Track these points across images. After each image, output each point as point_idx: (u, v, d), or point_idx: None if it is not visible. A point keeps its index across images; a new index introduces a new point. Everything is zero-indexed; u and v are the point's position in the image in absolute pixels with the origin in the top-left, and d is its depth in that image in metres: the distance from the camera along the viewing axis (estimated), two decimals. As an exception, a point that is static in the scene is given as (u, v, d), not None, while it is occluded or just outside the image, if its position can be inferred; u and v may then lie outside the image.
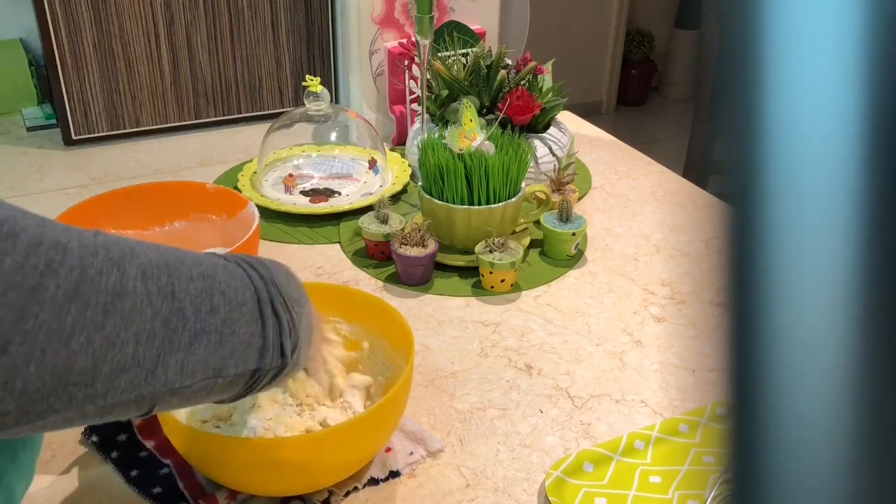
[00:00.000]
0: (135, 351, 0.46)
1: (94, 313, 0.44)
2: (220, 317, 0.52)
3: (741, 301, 0.19)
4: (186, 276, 0.51)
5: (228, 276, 0.55)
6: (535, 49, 1.40)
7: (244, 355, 0.54)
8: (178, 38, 1.47)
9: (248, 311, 0.55)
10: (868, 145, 0.17)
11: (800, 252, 0.18)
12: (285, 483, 0.73)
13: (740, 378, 0.20)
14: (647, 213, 1.28)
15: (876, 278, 0.18)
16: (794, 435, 0.19)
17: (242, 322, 0.54)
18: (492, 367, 0.93)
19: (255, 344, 0.55)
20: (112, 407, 0.47)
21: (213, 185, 1.10)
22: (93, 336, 0.44)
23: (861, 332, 0.18)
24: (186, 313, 0.50)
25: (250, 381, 0.56)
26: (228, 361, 0.53)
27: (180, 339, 0.49)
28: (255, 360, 0.55)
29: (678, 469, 0.79)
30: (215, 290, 0.53)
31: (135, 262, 0.48)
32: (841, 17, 0.17)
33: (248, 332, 0.55)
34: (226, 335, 0.53)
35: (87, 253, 0.45)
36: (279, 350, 0.58)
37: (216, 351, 0.52)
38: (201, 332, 0.51)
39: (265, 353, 0.56)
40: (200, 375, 0.51)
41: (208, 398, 0.55)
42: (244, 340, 0.54)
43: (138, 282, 0.47)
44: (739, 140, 0.19)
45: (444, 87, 1.27)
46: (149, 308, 0.47)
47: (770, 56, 0.18)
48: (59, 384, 0.43)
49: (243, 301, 0.55)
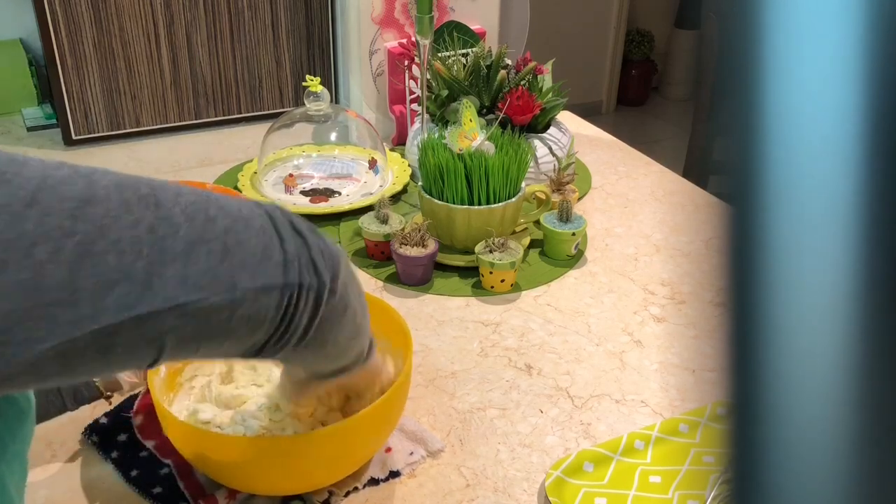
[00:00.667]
0: (119, 260, 0.41)
1: (60, 219, 0.39)
2: (220, 226, 0.45)
3: (741, 301, 0.19)
4: (173, 191, 0.45)
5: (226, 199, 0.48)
6: (535, 49, 1.40)
7: (262, 267, 0.47)
8: (178, 38, 1.47)
9: (257, 225, 0.48)
10: (868, 145, 0.17)
11: (800, 252, 0.18)
12: (285, 482, 0.73)
13: (740, 378, 0.20)
14: (647, 213, 1.28)
15: (876, 278, 0.18)
16: (794, 435, 0.19)
17: (250, 234, 0.47)
18: (492, 367, 0.93)
19: (274, 256, 0.47)
20: (112, 338, 0.41)
21: (213, 185, 1.10)
22: (61, 244, 0.39)
23: (861, 332, 0.18)
24: (176, 220, 0.43)
25: (283, 302, 0.48)
26: (241, 273, 0.45)
27: (173, 247, 0.43)
28: (280, 274, 0.47)
29: (678, 469, 0.79)
30: (210, 203, 0.46)
31: (108, 177, 0.43)
32: (841, 17, 0.17)
33: (262, 245, 0.47)
34: (231, 244, 0.45)
35: (49, 166, 0.41)
36: (310, 265, 0.49)
37: (223, 261, 0.45)
38: (198, 239, 0.44)
39: (290, 268, 0.48)
40: (210, 290, 0.44)
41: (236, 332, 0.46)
42: (257, 252, 0.47)
43: (111, 190, 0.42)
44: (739, 140, 0.19)
45: (444, 87, 1.27)
46: (128, 216, 0.42)
47: (770, 56, 0.18)
48: (35, 303, 0.38)
49: (249, 216, 0.48)
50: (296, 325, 0.50)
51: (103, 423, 0.82)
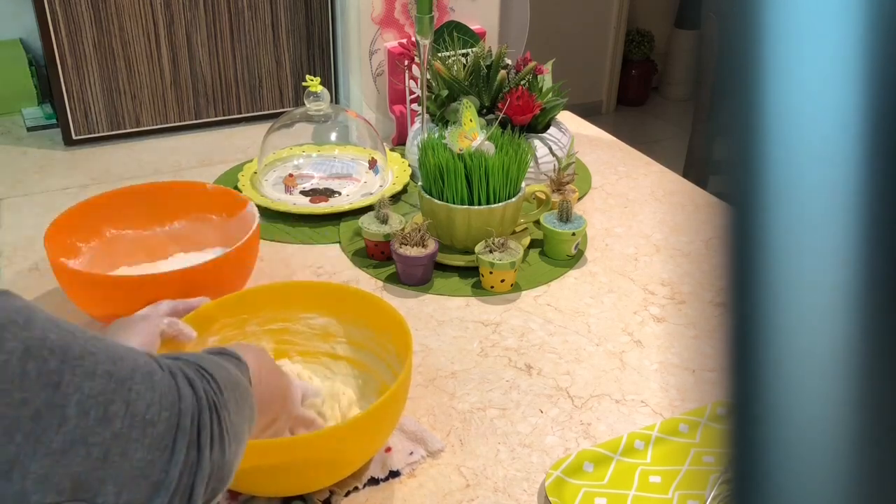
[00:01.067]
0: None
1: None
2: (112, 430, 0.43)
3: (741, 301, 0.19)
4: (86, 371, 0.42)
5: (148, 386, 0.46)
6: (535, 49, 1.40)
7: (132, 485, 0.44)
8: (178, 38, 1.47)
9: (156, 434, 0.45)
10: (868, 145, 0.17)
11: (800, 252, 0.18)
12: (285, 483, 0.73)
13: (740, 378, 0.20)
14: (647, 213, 1.28)
15: (876, 278, 0.18)
16: (794, 435, 0.19)
17: (141, 445, 0.44)
18: (492, 367, 0.93)
19: (153, 476, 0.45)
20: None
21: (213, 185, 1.10)
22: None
23: (861, 332, 0.18)
24: (67, 413, 0.41)
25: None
26: (108, 486, 0.43)
27: (50, 441, 0.40)
28: (147, 495, 0.45)
29: (678, 469, 0.79)
30: (118, 397, 0.43)
31: (21, 335, 0.40)
32: (841, 17, 0.17)
33: (146, 460, 0.45)
34: (113, 454, 0.43)
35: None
36: (187, 492, 0.47)
37: (96, 469, 0.42)
38: (80, 441, 0.41)
39: (162, 491, 0.45)
40: (68, 495, 0.41)
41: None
42: (137, 467, 0.44)
43: (14, 357, 0.39)
44: (739, 140, 0.19)
45: (444, 87, 1.27)
46: (18, 392, 0.39)
47: (770, 56, 0.18)
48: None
49: (153, 421, 0.45)
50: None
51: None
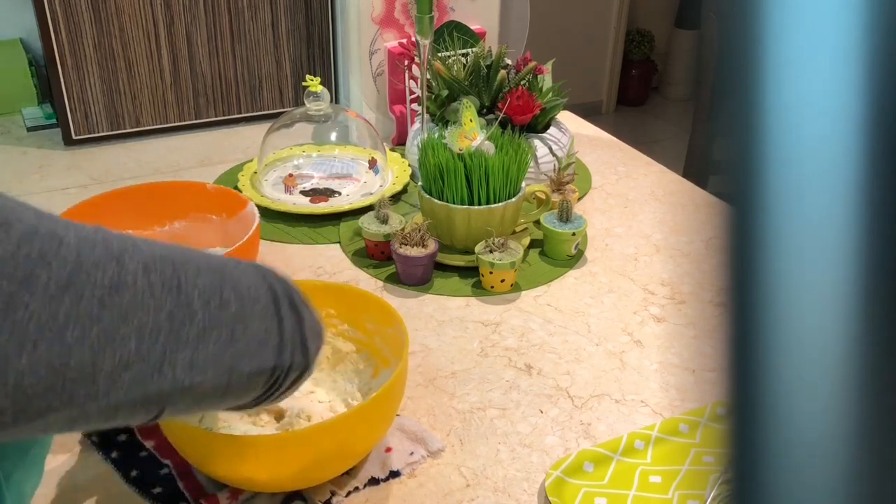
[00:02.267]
0: (138, 346, 0.44)
1: (90, 305, 0.42)
2: (231, 312, 0.50)
3: (741, 301, 0.19)
4: (194, 270, 0.49)
5: (240, 272, 0.53)
6: (535, 49, 1.40)
7: (259, 352, 0.52)
8: (178, 38, 1.47)
9: (262, 307, 0.53)
10: (868, 145, 0.17)
11: (800, 252, 0.18)
12: (286, 479, 0.73)
13: (740, 378, 0.20)
14: (647, 213, 1.28)
15: (876, 278, 0.18)
16: (794, 435, 0.19)
17: (256, 317, 0.52)
18: (492, 367, 0.93)
19: (272, 341, 0.53)
20: (117, 408, 0.45)
21: (213, 185, 1.10)
22: (88, 329, 0.42)
23: (861, 332, 0.18)
24: (194, 307, 0.48)
25: (270, 380, 0.54)
26: (242, 358, 0.50)
27: (188, 334, 0.47)
28: (272, 357, 0.53)
29: (678, 469, 0.79)
30: (225, 284, 0.50)
31: (136, 257, 0.46)
32: (841, 17, 0.17)
33: (263, 328, 0.52)
34: (238, 331, 0.50)
35: (84, 246, 0.44)
36: (301, 347, 0.55)
37: (228, 347, 0.49)
38: (210, 327, 0.48)
39: (283, 350, 0.54)
40: (212, 373, 0.48)
41: (224, 400, 0.52)
42: (258, 337, 0.52)
43: (139, 275, 0.45)
44: (739, 140, 0.19)
45: (444, 87, 1.27)
46: (151, 301, 0.45)
47: (770, 56, 0.18)
48: (57, 380, 0.42)
49: (256, 297, 0.52)
50: (278, 394, 0.56)
51: (103, 423, 0.82)
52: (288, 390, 0.57)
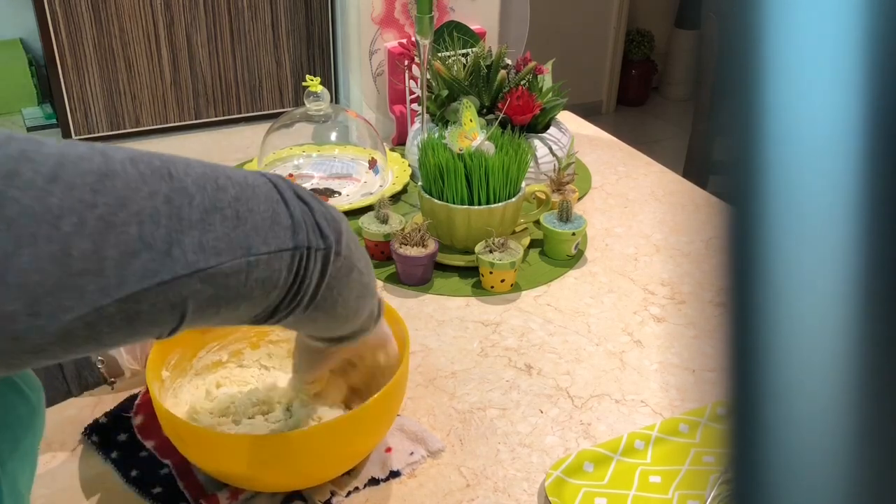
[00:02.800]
0: (140, 231, 0.43)
1: (82, 192, 0.41)
2: (231, 194, 0.48)
3: (741, 301, 0.19)
4: (184, 163, 0.47)
5: (235, 170, 0.51)
6: (535, 49, 1.40)
7: (273, 232, 0.49)
8: (178, 39, 1.47)
9: (263, 192, 0.50)
10: (868, 145, 0.17)
11: (800, 252, 0.18)
12: (286, 479, 0.73)
13: (740, 378, 0.20)
14: (647, 213, 1.28)
15: (876, 278, 0.18)
16: (793, 435, 0.19)
17: (259, 201, 0.50)
18: (492, 367, 0.93)
19: (283, 221, 0.50)
20: (137, 304, 0.43)
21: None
22: (85, 216, 0.41)
23: (861, 332, 0.18)
24: (190, 191, 0.46)
25: (295, 262, 0.51)
26: (254, 238, 0.48)
27: (189, 215, 0.45)
28: (289, 237, 0.50)
29: (678, 469, 0.79)
30: (219, 173, 0.49)
31: (121, 152, 0.45)
32: (841, 17, 0.17)
33: (270, 210, 0.50)
34: (242, 211, 0.48)
35: (66, 144, 0.43)
36: (316, 229, 0.53)
37: (236, 227, 0.47)
38: (212, 207, 0.46)
39: (298, 231, 0.51)
40: (227, 255, 0.46)
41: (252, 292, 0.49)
42: (267, 217, 0.49)
43: (127, 164, 0.44)
44: (739, 140, 0.19)
45: (444, 87, 1.27)
46: (145, 187, 0.44)
47: (770, 56, 0.18)
48: (63, 273, 0.40)
49: (255, 184, 0.50)
50: (307, 285, 0.53)
51: (103, 423, 0.82)
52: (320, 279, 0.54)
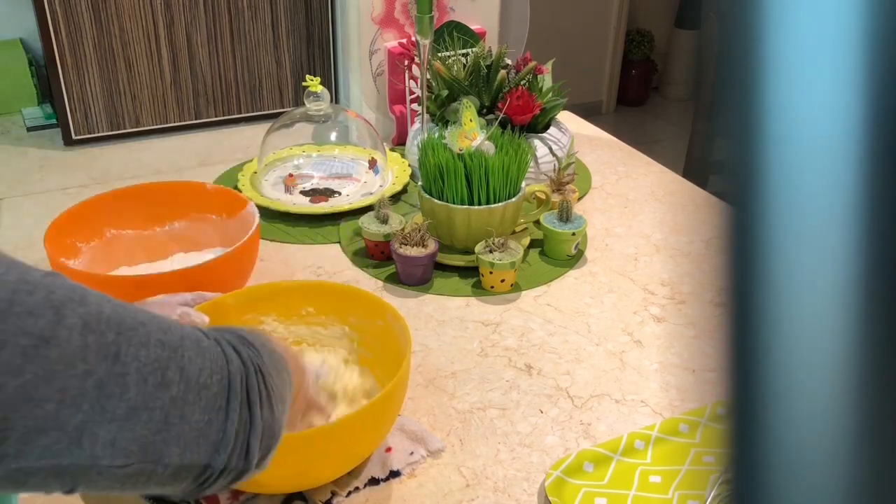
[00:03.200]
0: (57, 411, 0.40)
1: (12, 356, 0.38)
2: (170, 395, 0.45)
3: (741, 301, 0.19)
4: (140, 341, 0.45)
5: (197, 353, 0.48)
6: (535, 49, 1.40)
7: (193, 445, 0.47)
8: (178, 39, 1.47)
9: (210, 396, 0.48)
10: (868, 145, 0.17)
11: (800, 252, 0.18)
12: (287, 480, 0.73)
13: (740, 378, 0.20)
14: (647, 213, 1.28)
15: (876, 278, 0.18)
16: (793, 435, 0.19)
17: (198, 407, 0.47)
18: (492, 367, 0.93)
19: (211, 436, 0.48)
20: (27, 475, 0.41)
21: (213, 185, 1.10)
22: (5, 383, 0.38)
23: (861, 332, 0.18)
24: (128, 381, 0.43)
25: (200, 477, 0.49)
26: (171, 448, 0.46)
27: (115, 408, 0.42)
28: (208, 454, 0.48)
29: (678, 469, 0.79)
30: (172, 363, 0.46)
31: (79, 311, 0.42)
32: (841, 17, 0.17)
33: (204, 421, 0.47)
34: (173, 417, 0.45)
35: (22, 288, 0.40)
36: (243, 450, 0.50)
37: (158, 433, 0.45)
38: (142, 406, 0.44)
39: (221, 450, 0.48)
40: (136, 457, 0.44)
41: (146, 486, 0.47)
42: (197, 429, 0.47)
43: (75, 332, 0.41)
44: (739, 140, 0.19)
45: (444, 87, 1.27)
46: (81, 364, 0.41)
47: (770, 56, 0.18)
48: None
49: (206, 384, 0.48)
50: (213, 488, 0.51)
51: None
52: (228, 485, 0.52)
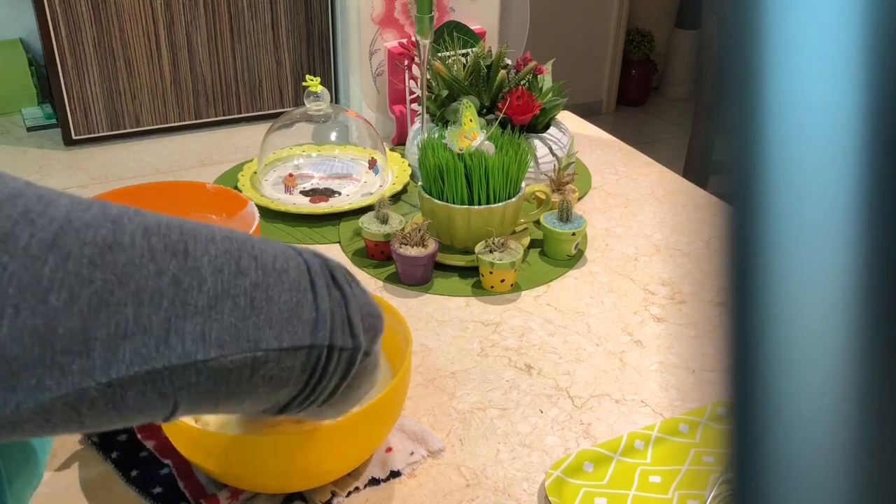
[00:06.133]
0: (136, 312, 0.39)
1: (78, 266, 0.38)
2: (250, 280, 0.43)
3: (741, 301, 0.19)
4: (206, 237, 0.43)
5: (266, 244, 0.46)
6: (535, 49, 1.40)
7: (290, 326, 0.44)
8: (178, 38, 1.47)
9: (291, 279, 0.46)
10: (868, 145, 0.17)
11: (800, 252, 0.18)
12: (287, 480, 0.73)
13: (740, 378, 0.20)
14: (647, 213, 1.28)
15: (876, 278, 0.18)
16: (794, 435, 0.19)
17: (283, 289, 0.45)
18: (492, 367, 0.93)
19: (305, 315, 0.45)
20: (123, 388, 0.39)
21: (213, 185, 1.10)
22: (77, 291, 0.37)
23: (861, 332, 0.18)
24: (203, 273, 0.42)
25: (309, 364, 0.46)
26: (266, 331, 0.43)
27: (196, 300, 0.41)
28: (308, 334, 0.45)
29: (678, 469, 0.79)
30: (244, 252, 0.44)
31: (136, 219, 0.41)
32: (841, 17, 0.17)
33: (293, 301, 0.45)
34: (258, 301, 0.43)
35: (76, 207, 0.39)
36: (346, 325, 0.47)
37: (247, 317, 0.43)
38: (224, 294, 0.42)
39: (320, 327, 0.46)
40: (231, 347, 0.42)
41: (256, 388, 0.44)
42: (287, 309, 0.45)
43: (137, 236, 0.40)
44: (739, 140, 0.19)
45: (444, 87, 1.27)
46: (151, 265, 0.40)
47: (770, 56, 0.18)
48: (45, 350, 0.37)
49: (283, 268, 0.46)
50: (323, 386, 0.48)
51: (103, 424, 0.82)
52: (341, 380, 0.49)
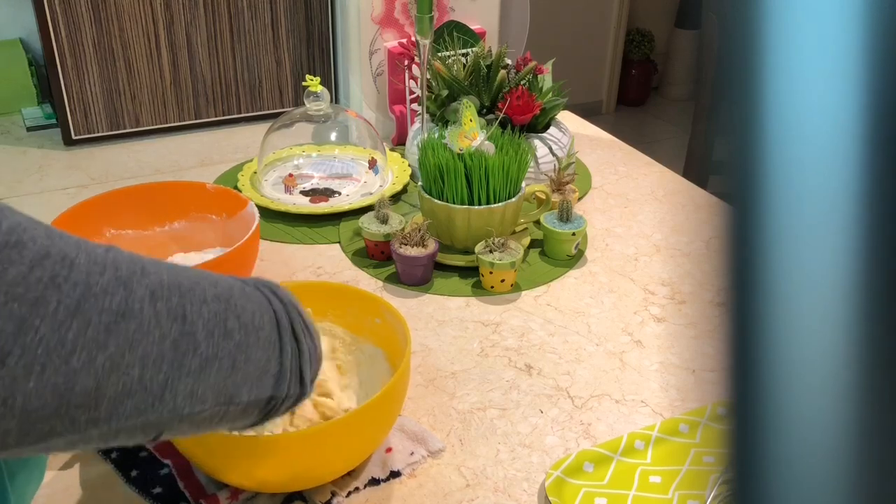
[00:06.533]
0: (141, 374, 0.45)
1: (97, 332, 0.43)
2: (234, 342, 0.51)
3: (741, 301, 0.19)
4: (200, 299, 0.50)
5: (245, 299, 0.53)
6: (535, 49, 1.40)
7: (259, 382, 0.53)
8: (178, 38, 1.47)
9: (265, 335, 0.54)
10: (868, 145, 0.17)
11: (800, 252, 0.18)
12: (287, 480, 0.73)
13: (740, 378, 0.20)
14: (647, 213, 1.28)
15: (876, 278, 0.18)
16: (794, 435, 0.19)
17: (258, 347, 0.53)
18: (492, 367, 0.93)
19: (272, 370, 0.54)
20: (117, 432, 0.46)
21: (213, 185, 1.10)
22: (94, 355, 0.43)
23: (861, 332, 0.18)
24: (198, 337, 0.48)
25: (266, 408, 0.55)
26: (241, 388, 0.52)
27: (190, 364, 0.48)
28: (271, 386, 0.54)
29: (678, 469, 0.79)
30: (230, 313, 0.51)
31: (144, 282, 0.46)
32: (841, 17, 0.17)
33: (265, 358, 0.53)
34: (239, 361, 0.51)
35: (94, 270, 0.44)
36: (298, 377, 0.56)
37: (228, 377, 0.50)
38: (213, 357, 0.49)
39: (281, 380, 0.55)
40: (211, 402, 0.50)
41: (220, 425, 0.53)
42: (259, 367, 0.53)
43: (146, 303, 0.46)
44: (739, 140, 0.19)
45: (444, 87, 1.27)
46: (156, 330, 0.46)
47: (770, 56, 0.18)
48: (61, 404, 0.42)
49: (260, 325, 0.53)
50: (273, 419, 0.58)
51: (103, 424, 0.82)
52: (286, 412, 0.58)
